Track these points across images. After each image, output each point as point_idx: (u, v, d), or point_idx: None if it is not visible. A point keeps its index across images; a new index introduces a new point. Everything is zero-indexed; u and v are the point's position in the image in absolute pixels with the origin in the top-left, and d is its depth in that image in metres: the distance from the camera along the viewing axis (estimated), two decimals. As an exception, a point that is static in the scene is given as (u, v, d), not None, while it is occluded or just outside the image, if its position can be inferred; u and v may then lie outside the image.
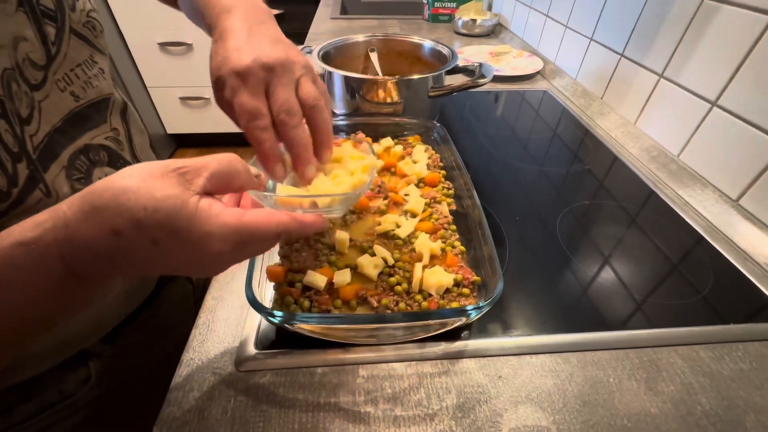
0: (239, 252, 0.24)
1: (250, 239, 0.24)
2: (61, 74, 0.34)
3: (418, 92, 0.66)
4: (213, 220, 0.22)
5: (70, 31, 0.35)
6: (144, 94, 2.00)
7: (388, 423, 0.32)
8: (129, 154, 0.43)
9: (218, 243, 0.23)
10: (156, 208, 0.21)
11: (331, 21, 1.38)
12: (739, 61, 0.51)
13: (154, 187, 0.21)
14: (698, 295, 0.43)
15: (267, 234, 0.24)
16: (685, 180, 0.59)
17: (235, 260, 0.25)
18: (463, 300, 0.38)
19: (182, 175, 0.22)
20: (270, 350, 0.36)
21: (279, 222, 0.25)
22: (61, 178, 0.34)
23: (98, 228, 0.21)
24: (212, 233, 0.22)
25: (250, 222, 0.24)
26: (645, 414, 0.33)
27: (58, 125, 0.34)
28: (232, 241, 0.23)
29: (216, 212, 0.23)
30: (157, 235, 0.21)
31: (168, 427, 0.31)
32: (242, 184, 0.26)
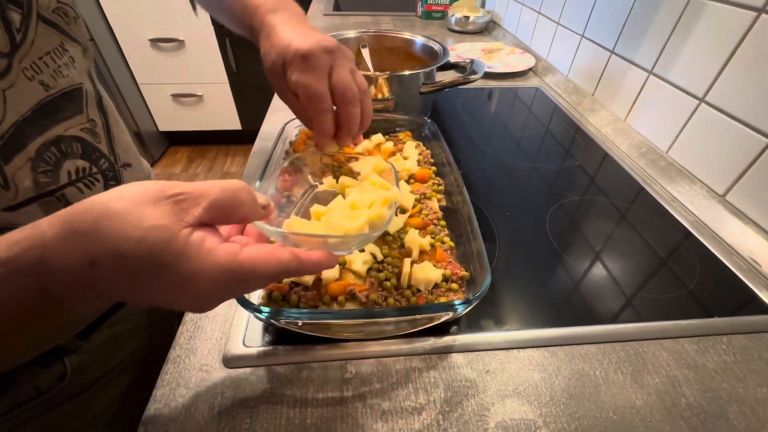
0: (231, 291, 0.23)
1: (244, 279, 0.22)
2: (28, 62, 0.33)
3: (409, 88, 0.66)
4: (204, 257, 0.21)
5: (37, 17, 0.34)
6: (135, 91, 1.98)
7: (375, 417, 0.32)
8: (106, 146, 0.42)
9: (207, 283, 0.21)
10: (141, 239, 0.19)
11: (323, 17, 1.37)
12: (726, 57, 0.52)
13: (142, 215, 0.19)
14: (685, 289, 0.44)
15: (264, 274, 0.23)
16: (673, 176, 0.60)
17: (226, 298, 0.23)
18: (451, 295, 0.38)
19: (177, 203, 0.21)
20: (257, 347, 0.36)
21: (279, 261, 0.23)
22: (25, 171, 0.33)
23: (75, 254, 0.19)
24: (201, 273, 0.21)
25: (246, 261, 0.22)
26: (630, 406, 0.33)
27: (27, 115, 0.33)
28: (223, 281, 0.21)
29: (208, 248, 0.21)
30: (138, 270, 0.20)
31: (154, 424, 0.31)
32: (246, 216, 0.24)
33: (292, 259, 0.24)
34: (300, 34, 0.37)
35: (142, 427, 0.31)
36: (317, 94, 0.36)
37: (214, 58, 1.91)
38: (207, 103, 2.08)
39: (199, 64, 1.94)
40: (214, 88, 2.03)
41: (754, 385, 0.35)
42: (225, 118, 2.16)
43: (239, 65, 1.95)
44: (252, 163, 0.61)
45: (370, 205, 0.33)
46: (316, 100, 0.36)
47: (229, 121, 2.18)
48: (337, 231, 0.30)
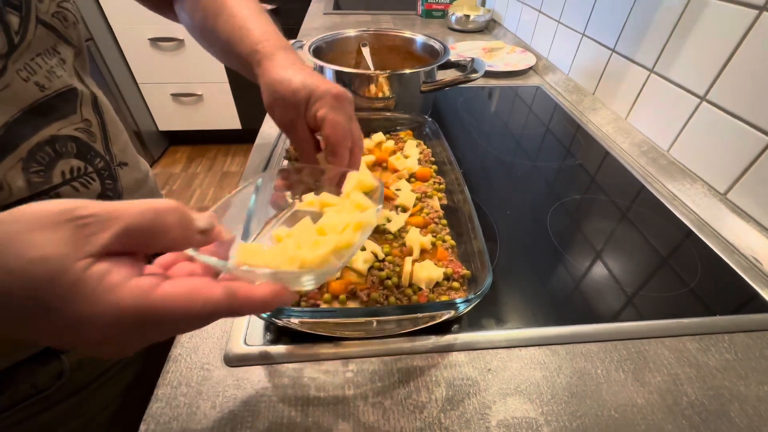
0: (145, 335, 0.19)
1: (157, 322, 0.18)
2: (21, 63, 0.33)
3: (409, 87, 0.66)
4: (101, 297, 0.17)
5: (36, 20, 0.34)
6: (135, 90, 1.98)
7: (377, 416, 0.32)
8: (102, 146, 0.42)
9: (104, 329, 0.18)
10: (23, 272, 0.16)
11: (324, 16, 1.37)
12: (727, 55, 0.52)
13: (33, 242, 0.16)
14: (686, 287, 0.44)
15: (185, 316, 0.19)
16: (674, 174, 0.60)
17: (144, 343, 0.20)
18: (452, 294, 0.38)
19: (81, 227, 0.17)
20: (259, 345, 0.36)
21: (206, 301, 0.19)
22: (16, 171, 0.33)
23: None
24: (95, 315, 0.17)
25: (159, 301, 0.18)
26: (632, 405, 0.33)
27: (17, 116, 0.33)
28: (129, 324, 0.18)
29: (110, 285, 0.17)
30: (20, 309, 0.16)
31: (156, 422, 0.31)
32: (173, 243, 0.20)
33: (224, 299, 0.20)
34: (323, 78, 0.39)
35: (144, 425, 0.31)
36: (348, 131, 0.38)
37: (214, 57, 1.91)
38: (207, 102, 2.08)
39: (199, 64, 1.93)
40: (214, 87, 2.03)
41: (756, 383, 0.35)
42: (225, 117, 2.16)
43: (239, 64, 1.94)
44: (252, 162, 0.61)
45: (342, 228, 0.28)
46: (345, 138, 0.37)
47: (229, 120, 2.17)
48: (292, 262, 0.24)
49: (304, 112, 0.38)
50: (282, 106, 0.39)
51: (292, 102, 0.38)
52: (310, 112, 0.38)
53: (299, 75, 0.38)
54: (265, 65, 0.40)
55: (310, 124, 0.39)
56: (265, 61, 0.40)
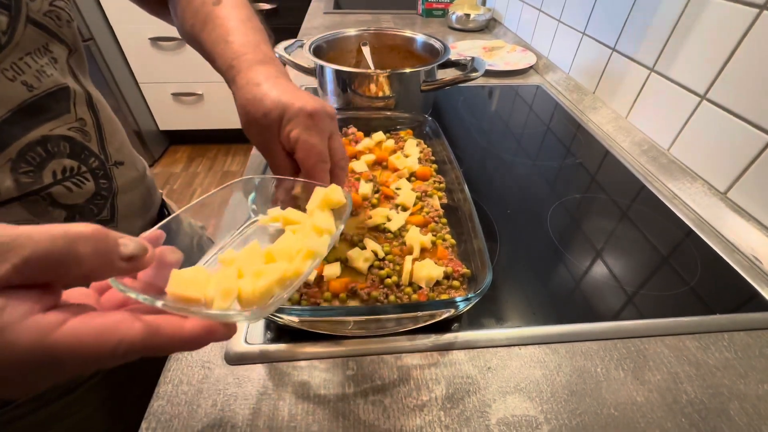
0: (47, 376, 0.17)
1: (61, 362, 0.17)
2: (8, 63, 0.32)
3: (410, 86, 0.66)
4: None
5: (26, 20, 0.33)
6: (136, 90, 1.98)
7: (377, 414, 0.32)
8: (97, 145, 0.41)
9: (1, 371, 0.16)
10: None
11: (324, 16, 1.37)
12: (727, 54, 0.52)
13: None
14: (686, 286, 0.44)
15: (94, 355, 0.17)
16: (674, 173, 0.60)
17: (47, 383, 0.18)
18: (452, 292, 0.38)
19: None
20: (259, 344, 0.36)
21: (121, 339, 0.17)
22: (4, 171, 0.33)
23: None
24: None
25: (64, 340, 0.16)
26: (631, 403, 0.33)
27: (6, 116, 0.33)
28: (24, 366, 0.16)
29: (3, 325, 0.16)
30: None
31: (157, 420, 0.31)
32: (87, 274, 0.18)
33: (144, 337, 0.18)
34: (299, 94, 0.36)
35: (145, 423, 0.31)
36: (323, 153, 0.35)
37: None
38: (207, 102, 2.08)
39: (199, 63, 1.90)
40: (215, 86, 2.03)
41: (756, 382, 0.35)
42: (225, 117, 2.16)
43: (240, 64, 1.94)
44: (253, 162, 0.61)
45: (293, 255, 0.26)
46: (321, 159, 0.35)
47: (229, 120, 2.17)
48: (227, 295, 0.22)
49: (277, 134, 0.35)
50: (256, 128, 0.36)
51: (264, 124, 0.35)
52: (283, 133, 0.35)
53: (273, 92, 0.35)
54: (238, 83, 0.37)
55: (285, 147, 0.36)
56: (239, 79, 0.37)
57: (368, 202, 0.48)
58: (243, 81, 0.37)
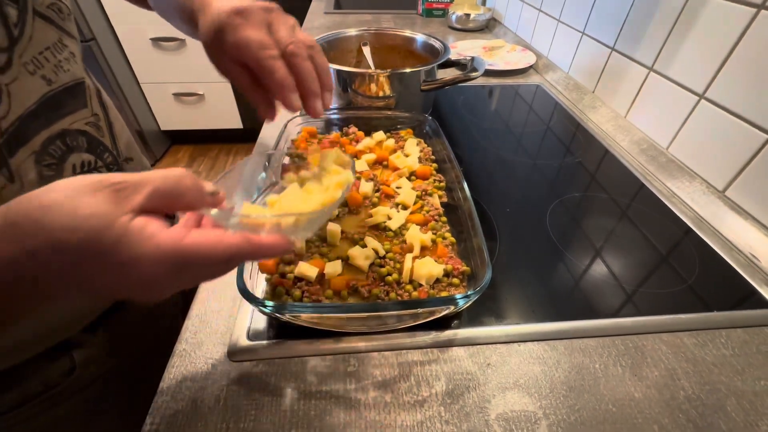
0: (178, 278, 0.22)
1: (190, 264, 0.22)
2: (28, 57, 0.33)
3: (410, 86, 0.67)
4: (145, 242, 0.20)
5: (33, 12, 0.34)
6: (137, 90, 1.98)
7: (378, 410, 0.33)
8: (109, 140, 0.42)
9: (149, 268, 0.20)
10: (76, 227, 0.19)
11: (324, 16, 1.38)
12: (725, 53, 0.52)
13: (80, 204, 0.19)
14: (684, 284, 0.44)
15: (212, 258, 0.22)
16: (673, 172, 0.60)
17: (177, 286, 0.23)
18: (452, 290, 0.38)
19: (117, 191, 0.20)
20: (262, 340, 0.37)
21: (228, 245, 0.22)
22: (29, 164, 0.34)
23: (14, 248, 0.19)
24: (141, 258, 0.20)
25: (191, 245, 0.21)
26: (629, 399, 0.34)
27: (31, 108, 0.33)
28: (167, 265, 0.21)
29: (150, 234, 0.20)
30: (77, 258, 0.19)
31: (161, 416, 0.32)
32: (191, 203, 0.24)
33: (243, 243, 0.23)
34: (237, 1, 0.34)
35: (149, 419, 0.32)
36: (258, 41, 0.32)
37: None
38: (209, 102, 2.09)
39: (200, 63, 1.94)
40: (216, 86, 2.03)
41: (753, 379, 0.35)
42: (226, 116, 2.16)
43: (240, 64, 1.95)
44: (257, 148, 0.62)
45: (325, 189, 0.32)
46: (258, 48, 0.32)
47: (230, 119, 2.18)
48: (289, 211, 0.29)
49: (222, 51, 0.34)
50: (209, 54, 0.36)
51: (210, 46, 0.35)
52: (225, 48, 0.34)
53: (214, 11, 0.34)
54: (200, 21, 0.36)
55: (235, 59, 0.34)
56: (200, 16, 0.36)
57: (369, 200, 0.48)
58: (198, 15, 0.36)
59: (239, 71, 0.35)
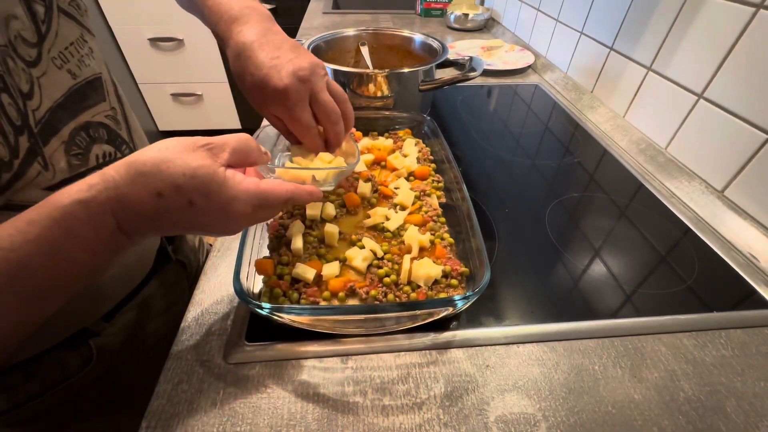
0: (256, 214, 0.29)
1: (266, 203, 0.29)
2: (55, 52, 0.35)
3: (408, 86, 0.66)
4: (238, 186, 0.27)
5: (57, 9, 0.36)
6: (135, 90, 1.98)
7: (376, 412, 0.32)
8: (126, 133, 0.44)
9: (241, 205, 0.28)
10: (193, 174, 0.25)
11: (323, 16, 1.37)
12: (724, 53, 0.52)
13: (189, 158, 0.26)
14: (683, 284, 0.44)
15: (279, 199, 0.30)
16: (672, 172, 0.60)
17: (252, 221, 0.31)
18: (451, 291, 0.38)
19: (210, 149, 0.27)
20: (259, 342, 0.37)
21: (287, 189, 0.31)
22: (60, 153, 0.36)
23: (144, 190, 0.25)
24: (237, 197, 0.27)
25: (266, 188, 0.29)
26: (629, 400, 0.34)
27: (60, 101, 0.36)
28: (252, 204, 0.28)
29: (239, 180, 0.28)
30: (193, 197, 0.26)
31: (157, 419, 0.31)
32: (255, 160, 0.31)
33: (296, 189, 0.32)
34: (271, 57, 0.37)
35: (145, 422, 0.31)
36: (303, 125, 0.39)
37: (214, 57, 1.91)
38: (207, 102, 2.08)
39: (198, 64, 1.93)
40: (214, 87, 2.03)
41: (753, 380, 0.35)
42: (225, 117, 2.16)
43: (239, 64, 1.94)
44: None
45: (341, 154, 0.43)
46: (303, 130, 0.39)
47: (228, 120, 2.17)
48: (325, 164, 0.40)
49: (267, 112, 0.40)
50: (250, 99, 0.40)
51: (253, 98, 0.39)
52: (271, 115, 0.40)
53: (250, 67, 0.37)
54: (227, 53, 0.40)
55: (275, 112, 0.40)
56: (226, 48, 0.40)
57: (367, 201, 0.48)
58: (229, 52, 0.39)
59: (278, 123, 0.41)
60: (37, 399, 0.39)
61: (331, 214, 0.45)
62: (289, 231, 0.42)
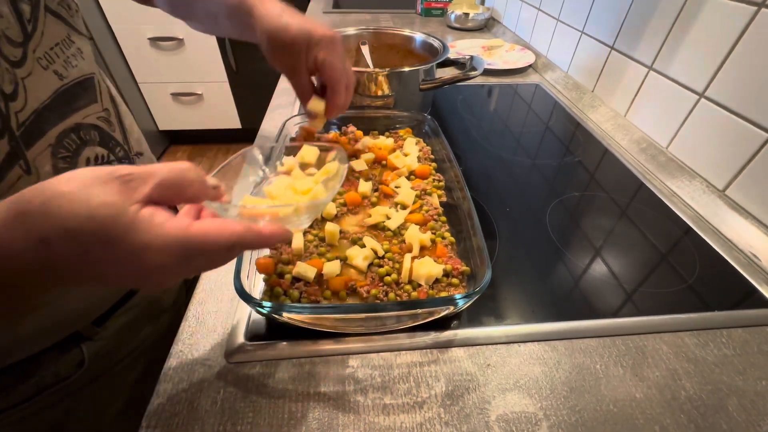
0: (185, 265, 0.23)
1: (196, 251, 0.22)
2: (41, 52, 0.34)
3: (409, 85, 0.66)
4: (153, 230, 0.21)
5: (44, 8, 0.35)
6: (135, 90, 1.98)
7: (377, 411, 0.32)
8: (120, 135, 0.43)
9: (158, 255, 0.21)
10: (90, 215, 0.19)
11: (323, 15, 1.37)
12: (725, 52, 0.52)
13: (91, 194, 0.20)
14: (684, 283, 0.44)
15: (217, 246, 0.23)
16: (673, 171, 0.60)
17: (183, 274, 0.24)
18: (452, 290, 0.38)
19: (126, 182, 0.21)
20: (260, 341, 0.37)
21: (232, 233, 0.23)
22: (45, 156, 0.34)
23: (25, 235, 0.19)
24: (151, 245, 0.21)
25: (197, 233, 0.22)
26: (630, 399, 0.34)
27: (47, 102, 0.34)
28: (175, 253, 0.22)
29: (158, 222, 0.21)
30: (88, 245, 0.20)
31: (158, 419, 0.31)
32: (195, 195, 0.25)
33: (245, 232, 0.24)
34: (315, 22, 0.42)
35: (145, 422, 0.31)
36: (344, 71, 0.42)
37: (214, 56, 1.91)
38: (207, 101, 2.08)
39: (198, 63, 1.93)
40: (214, 86, 2.03)
41: (754, 378, 0.35)
42: (225, 116, 2.16)
43: (239, 64, 1.95)
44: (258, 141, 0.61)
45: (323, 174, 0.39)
46: (341, 76, 0.42)
47: (229, 119, 2.17)
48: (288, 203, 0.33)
49: (305, 58, 0.41)
50: (283, 53, 0.42)
51: (293, 50, 0.41)
52: (310, 57, 0.41)
53: (294, 21, 0.41)
54: (256, 14, 0.42)
55: (310, 68, 0.43)
56: (256, 11, 0.42)
57: (368, 200, 0.48)
58: (262, 12, 0.42)
59: (307, 77, 0.44)
60: (31, 400, 0.39)
61: (332, 213, 0.45)
62: (290, 230, 0.42)
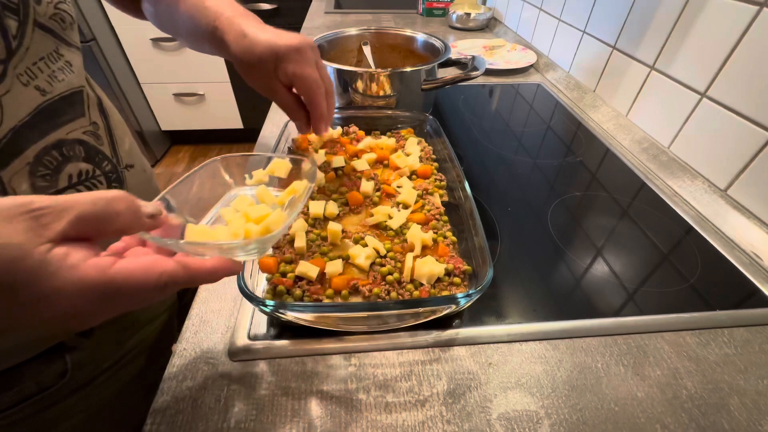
0: (106, 308, 0.21)
1: (118, 294, 0.21)
2: (22, 68, 0.33)
3: (410, 85, 0.66)
4: (65, 273, 0.19)
5: (34, 24, 0.34)
6: (137, 90, 1.98)
7: (379, 409, 0.32)
8: (109, 149, 0.42)
9: (72, 299, 0.19)
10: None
11: (325, 15, 1.38)
12: (727, 52, 0.52)
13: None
14: (686, 283, 0.44)
15: (144, 286, 0.21)
16: (675, 171, 0.60)
17: (107, 316, 0.22)
18: (454, 289, 0.38)
19: (37, 218, 0.19)
20: (262, 340, 0.37)
21: (162, 272, 0.22)
22: (22, 175, 0.33)
23: None
24: (63, 289, 0.19)
25: (117, 275, 0.20)
26: (632, 398, 0.34)
27: (26, 119, 0.33)
28: (92, 296, 0.20)
29: (72, 264, 0.19)
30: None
31: (162, 416, 0.32)
32: (125, 227, 0.22)
33: (177, 269, 0.22)
34: (278, 33, 0.41)
35: (150, 419, 0.31)
36: (317, 81, 0.41)
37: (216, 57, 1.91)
38: (209, 102, 2.08)
39: (200, 63, 1.94)
40: (216, 87, 2.03)
41: (755, 377, 0.35)
42: (227, 116, 2.16)
43: (241, 64, 1.95)
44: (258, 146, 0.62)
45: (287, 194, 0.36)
46: (316, 87, 0.41)
47: (231, 119, 2.18)
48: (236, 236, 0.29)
49: (274, 74, 0.41)
50: (253, 75, 0.42)
51: (261, 70, 0.41)
52: (281, 73, 0.41)
53: (260, 38, 0.40)
54: (227, 40, 0.41)
55: (285, 83, 0.42)
56: (227, 36, 0.41)
57: (370, 200, 0.48)
58: (230, 38, 0.41)
59: (286, 94, 0.43)
60: (13, 409, 0.38)
61: (334, 213, 0.45)
62: (293, 229, 0.43)
